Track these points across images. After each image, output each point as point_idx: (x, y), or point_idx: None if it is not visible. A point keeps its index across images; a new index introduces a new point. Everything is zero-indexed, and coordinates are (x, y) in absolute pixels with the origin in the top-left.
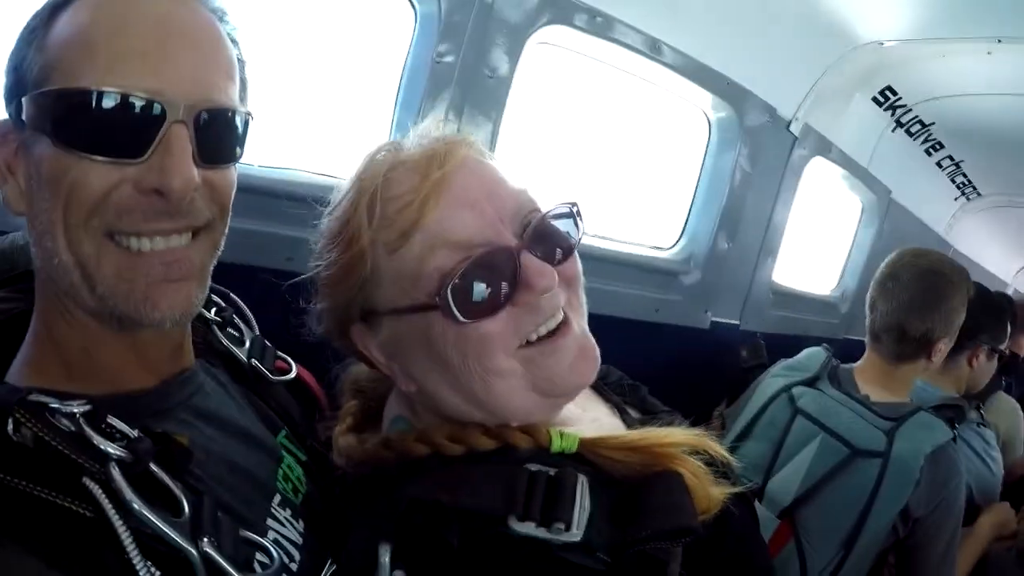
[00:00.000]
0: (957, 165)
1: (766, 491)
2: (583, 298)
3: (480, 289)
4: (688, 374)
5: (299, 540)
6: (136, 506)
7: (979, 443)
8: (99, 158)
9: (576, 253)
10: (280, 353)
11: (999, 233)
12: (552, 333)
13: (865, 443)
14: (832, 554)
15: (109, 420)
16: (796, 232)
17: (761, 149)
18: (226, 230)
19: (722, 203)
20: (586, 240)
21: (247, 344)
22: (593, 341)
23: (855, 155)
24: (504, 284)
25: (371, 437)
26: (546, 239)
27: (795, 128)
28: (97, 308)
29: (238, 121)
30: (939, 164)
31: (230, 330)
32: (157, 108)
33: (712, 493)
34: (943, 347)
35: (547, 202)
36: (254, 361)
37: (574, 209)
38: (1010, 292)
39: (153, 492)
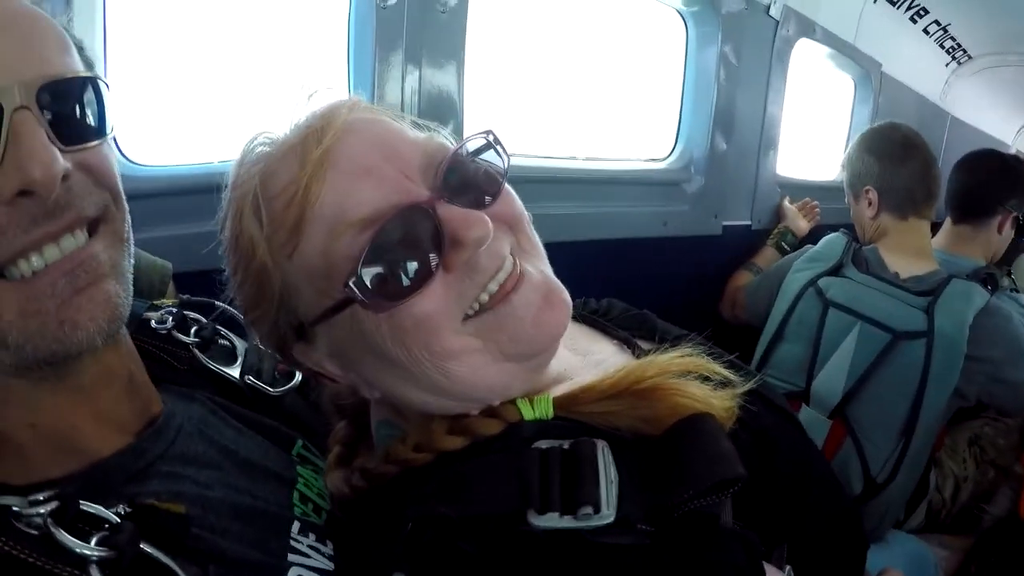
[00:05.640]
0: (944, 29)
1: (812, 392)
2: (534, 237)
3: (397, 263)
4: (706, 284)
5: (328, 566)
6: None
7: (1016, 307)
8: None
9: (508, 188)
10: None
11: (994, 95)
12: (501, 288)
13: (905, 324)
14: (892, 445)
15: (83, 508)
16: (793, 121)
17: (743, 39)
18: (127, 219)
19: (712, 102)
20: (579, 164)
21: (240, 358)
22: (558, 283)
23: (840, 32)
24: (429, 248)
25: (354, 470)
26: (466, 182)
27: (775, 12)
28: (17, 361)
29: (91, 89)
30: (926, 31)
31: (222, 342)
32: None
33: (716, 404)
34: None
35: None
36: (248, 379)
37: (491, 138)
38: (1013, 153)
39: None
